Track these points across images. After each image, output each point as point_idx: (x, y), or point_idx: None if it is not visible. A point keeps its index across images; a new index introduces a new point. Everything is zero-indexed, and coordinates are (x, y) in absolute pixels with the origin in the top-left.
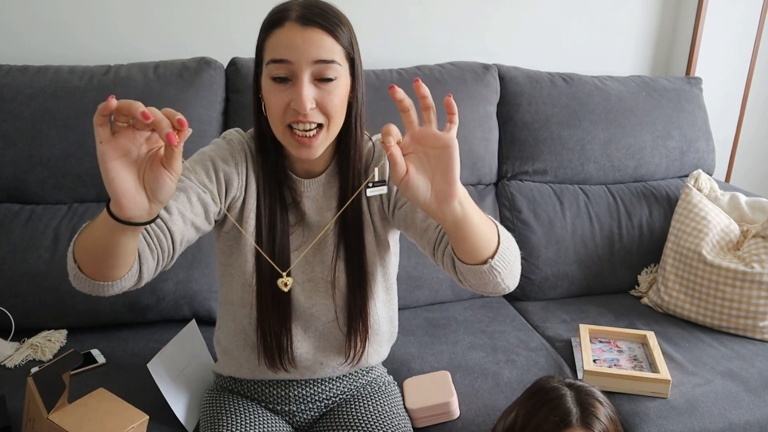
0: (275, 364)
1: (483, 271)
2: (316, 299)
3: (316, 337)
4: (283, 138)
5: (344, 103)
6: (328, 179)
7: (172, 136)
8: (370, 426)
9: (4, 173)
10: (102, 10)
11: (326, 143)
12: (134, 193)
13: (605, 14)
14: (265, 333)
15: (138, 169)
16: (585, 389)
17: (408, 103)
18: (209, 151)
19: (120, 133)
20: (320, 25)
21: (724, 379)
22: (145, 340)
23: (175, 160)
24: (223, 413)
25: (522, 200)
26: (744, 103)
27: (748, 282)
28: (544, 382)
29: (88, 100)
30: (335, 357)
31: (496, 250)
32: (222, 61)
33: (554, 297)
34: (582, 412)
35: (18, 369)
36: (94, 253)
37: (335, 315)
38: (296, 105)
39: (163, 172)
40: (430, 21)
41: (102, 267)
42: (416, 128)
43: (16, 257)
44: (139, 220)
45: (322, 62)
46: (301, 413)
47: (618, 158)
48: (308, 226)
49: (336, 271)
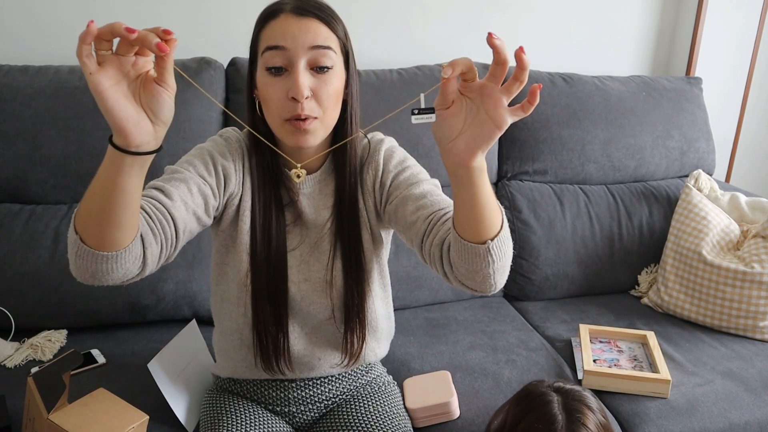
0: (272, 367)
1: (479, 253)
2: (313, 298)
3: (313, 334)
4: (281, 130)
5: (339, 96)
6: (323, 177)
7: (162, 45)
8: (371, 426)
9: (4, 173)
10: (102, 10)
11: (321, 133)
12: (136, 117)
13: (605, 14)
14: (261, 334)
15: (133, 94)
16: (574, 394)
17: (504, 57)
18: (207, 146)
19: (106, 62)
20: (316, 15)
21: (724, 379)
22: (145, 340)
23: (168, 73)
24: (223, 414)
25: (522, 200)
26: (744, 103)
27: (748, 282)
28: (532, 388)
29: (88, 100)
30: (332, 354)
31: (497, 234)
32: (222, 61)
33: (554, 297)
34: (568, 419)
35: (18, 369)
36: (98, 208)
37: (332, 313)
38: (293, 92)
39: (159, 89)
40: (430, 21)
41: (106, 227)
42: (493, 86)
43: (16, 257)
44: (147, 147)
45: (318, 48)
46: (301, 414)
47: (618, 158)
48: (305, 225)
49: (333, 270)
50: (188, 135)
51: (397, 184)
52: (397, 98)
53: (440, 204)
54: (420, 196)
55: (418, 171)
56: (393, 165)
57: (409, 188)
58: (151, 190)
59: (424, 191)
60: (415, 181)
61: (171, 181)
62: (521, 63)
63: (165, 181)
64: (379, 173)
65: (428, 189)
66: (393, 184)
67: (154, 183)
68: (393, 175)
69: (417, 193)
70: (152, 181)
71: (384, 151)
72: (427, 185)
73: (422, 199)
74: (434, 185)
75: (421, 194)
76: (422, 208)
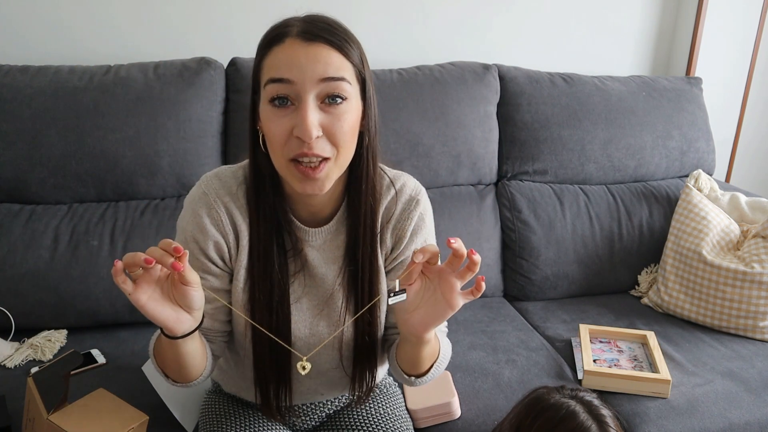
0: (273, 416)
1: (404, 378)
2: (320, 351)
3: (318, 378)
4: (286, 172)
5: (355, 132)
6: (336, 227)
7: (177, 265)
8: (373, 428)
9: (4, 173)
10: (102, 10)
11: (334, 177)
12: (175, 315)
13: (605, 14)
14: (263, 389)
15: (167, 296)
16: (591, 401)
17: (462, 253)
18: (188, 227)
19: (140, 279)
20: (326, 40)
21: (724, 379)
22: (145, 340)
23: (188, 275)
24: (223, 417)
25: (522, 200)
26: (744, 103)
27: (748, 282)
28: (542, 397)
29: (88, 100)
30: (338, 392)
31: (425, 373)
32: (222, 61)
33: (554, 297)
34: (600, 427)
35: (18, 369)
36: (174, 366)
37: (340, 364)
38: (300, 132)
39: (185, 288)
40: (430, 21)
41: (185, 374)
42: (450, 271)
43: (16, 257)
44: (189, 330)
45: (329, 80)
46: (302, 423)
47: (618, 158)
48: (310, 275)
49: (344, 326)
50: (188, 135)
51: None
52: (397, 98)
53: None
54: None
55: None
56: (418, 242)
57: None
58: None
59: None
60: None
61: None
62: (472, 260)
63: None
64: (403, 243)
65: None
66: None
67: None
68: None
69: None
70: None
71: (416, 219)
72: None
73: None
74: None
75: None
76: None
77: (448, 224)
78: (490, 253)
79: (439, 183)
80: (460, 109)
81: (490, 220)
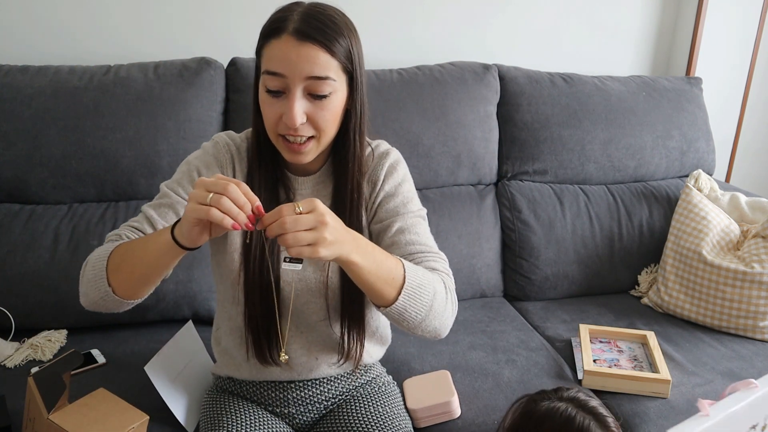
0: (264, 356)
1: (387, 313)
2: (307, 297)
3: (310, 333)
4: (276, 144)
5: (337, 116)
6: (321, 179)
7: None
8: (371, 427)
9: (4, 173)
10: (102, 10)
11: (318, 151)
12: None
13: (605, 14)
14: (253, 326)
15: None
16: (572, 396)
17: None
18: (194, 159)
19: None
20: (316, 40)
21: (724, 379)
22: (145, 340)
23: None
24: (223, 415)
25: (522, 200)
26: (744, 103)
27: (748, 282)
28: (535, 407)
29: (88, 100)
30: (330, 354)
31: (396, 296)
32: (222, 61)
33: (554, 297)
34: (595, 419)
35: (18, 369)
36: (141, 275)
37: (327, 314)
38: (287, 119)
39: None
40: (430, 21)
41: (141, 287)
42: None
43: (16, 257)
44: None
45: (315, 79)
46: (301, 415)
47: (618, 158)
48: None
49: (329, 272)
50: (188, 135)
51: (385, 208)
52: (397, 98)
53: (408, 248)
54: (398, 231)
55: (408, 199)
56: (389, 185)
57: (392, 218)
58: (143, 224)
59: (403, 227)
60: (400, 213)
61: (160, 207)
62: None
63: (155, 208)
64: (377, 188)
65: (408, 224)
66: (381, 205)
67: (146, 210)
68: (384, 196)
69: (396, 227)
70: (144, 205)
71: (387, 167)
72: (409, 219)
73: (398, 235)
74: (418, 218)
75: (399, 230)
76: (394, 245)
77: (448, 224)
78: (490, 253)
79: (439, 183)
80: (460, 109)
81: (490, 220)
